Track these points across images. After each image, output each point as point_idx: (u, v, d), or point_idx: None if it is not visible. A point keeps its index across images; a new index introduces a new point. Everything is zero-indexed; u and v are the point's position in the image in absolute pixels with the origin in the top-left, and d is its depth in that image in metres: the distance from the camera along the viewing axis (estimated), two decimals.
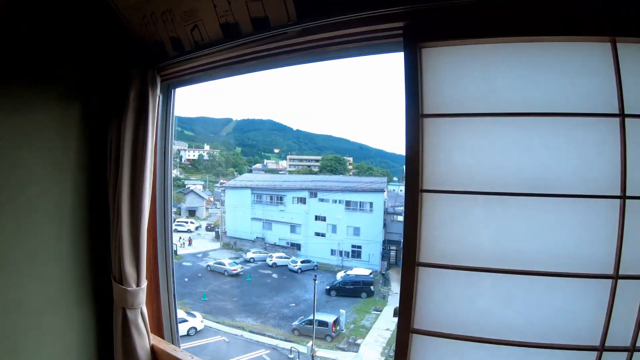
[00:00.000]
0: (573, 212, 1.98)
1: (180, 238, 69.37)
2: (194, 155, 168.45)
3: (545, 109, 1.95)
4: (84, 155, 2.96)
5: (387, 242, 57.96)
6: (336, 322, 34.18)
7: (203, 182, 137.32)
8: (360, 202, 58.11)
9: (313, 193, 61.94)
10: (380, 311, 40.19)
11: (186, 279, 48.23)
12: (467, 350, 2.17)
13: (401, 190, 78.64)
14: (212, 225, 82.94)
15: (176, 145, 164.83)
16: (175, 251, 58.50)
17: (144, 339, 2.94)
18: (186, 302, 40.32)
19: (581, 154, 1.96)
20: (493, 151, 2.07)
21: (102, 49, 2.95)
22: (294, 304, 41.95)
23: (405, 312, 2.21)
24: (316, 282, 33.18)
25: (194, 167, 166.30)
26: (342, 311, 36.69)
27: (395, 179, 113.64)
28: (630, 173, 1.87)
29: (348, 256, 57.24)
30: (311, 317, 32.59)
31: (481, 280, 2.14)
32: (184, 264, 55.26)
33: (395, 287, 47.88)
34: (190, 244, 67.56)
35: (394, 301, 43.01)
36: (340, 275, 47.98)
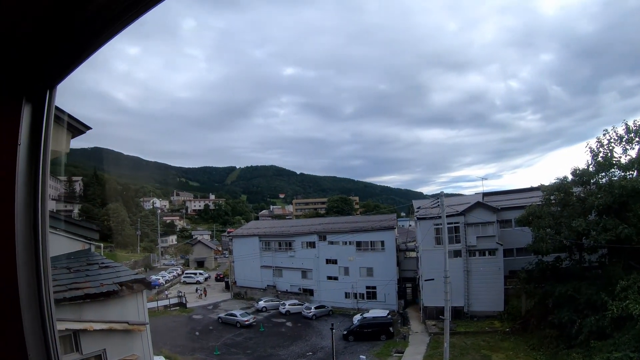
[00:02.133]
0: None
1: (197, 289, 68.70)
2: (199, 206, 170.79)
3: None
4: None
5: (402, 280, 56.74)
6: None
7: (210, 232, 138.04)
8: (371, 241, 57.44)
9: (322, 236, 61.43)
10: (402, 353, 38.84)
11: (197, 333, 47.04)
12: None
13: (410, 225, 78.00)
14: (222, 275, 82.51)
15: (181, 197, 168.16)
16: (185, 304, 57.73)
17: None
18: (198, 358, 39.02)
19: None
20: None
21: None
22: (311, 353, 40.57)
23: None
24: (333, 330, 31.76)
25: (200, 217, 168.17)
26: (363, 357, 35.13)
27: (403, 214, 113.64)
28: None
29: (363, 298, 56.20)
30: None
31: None
32: (194, 317, 54.49)
33: (415, 326, 46.43)
34: (205, 295, 66.83)
35: (415, 341, 41.60)
36: (356, 319, 46.66)
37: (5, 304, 2.09)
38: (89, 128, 11.18)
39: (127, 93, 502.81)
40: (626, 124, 34.00)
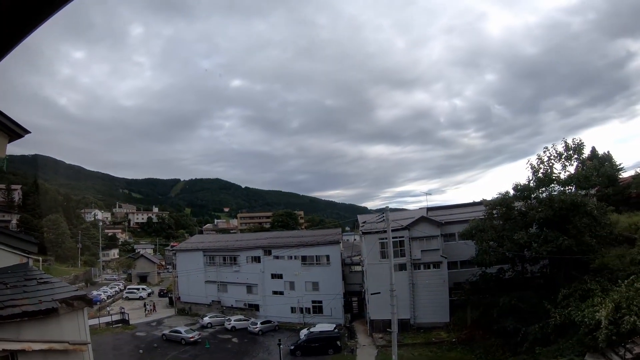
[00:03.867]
0: None
1: (145, 304, 66.46)
2: (142, 218, 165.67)
3: None
4: None
5: (348, 294, 56.93)
6: None
7: (153, 246, 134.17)
8: (316, 255, 57.44)
9: (267, 251, 61.03)
10: None
11: (140, 351, 45.07)
12: None
13: (355, 240, 78.60)
14: (165, 291, 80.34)
15: (124, 209, 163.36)
16: (127, 321, 55.65)
17: None
18: None
19: None
20: None
21: None
22: None
23: None
24: (281, 345, 31.35)
25: (143, 230, 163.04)
26: None
27: (347, 229, 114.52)
28: None
29: (309, 312, 55.90)
30: None
31: None
32: (138, 334, 52.35)
33: (362, 339, 46.52)
34: (155, 310, 65.00)
35: (363, 354, 41.63)
36: (303, 333, 46.30)
37: None
38: (27, 132, 10.50)
39: (71, 99, 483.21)
40: (565, 142, 35.72)
